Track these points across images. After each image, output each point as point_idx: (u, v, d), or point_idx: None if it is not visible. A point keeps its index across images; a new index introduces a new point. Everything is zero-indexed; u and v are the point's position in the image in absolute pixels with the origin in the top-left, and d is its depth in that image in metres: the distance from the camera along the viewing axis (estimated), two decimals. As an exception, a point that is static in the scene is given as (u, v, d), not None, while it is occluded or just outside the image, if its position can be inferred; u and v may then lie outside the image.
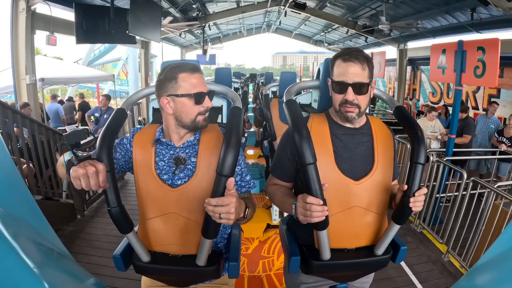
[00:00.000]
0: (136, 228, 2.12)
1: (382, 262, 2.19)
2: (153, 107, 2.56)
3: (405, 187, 1.94)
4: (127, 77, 29.64)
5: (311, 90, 2.57)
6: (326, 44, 23.87)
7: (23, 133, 6.20)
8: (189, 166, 2.06)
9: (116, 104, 17.57)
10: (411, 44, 16.56)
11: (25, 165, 6.10)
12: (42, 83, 10.22)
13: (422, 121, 8.34)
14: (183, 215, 2.02)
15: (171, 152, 2.08)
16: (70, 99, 15.31)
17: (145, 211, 2.07)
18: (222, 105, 2.60)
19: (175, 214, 2.03)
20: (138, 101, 4.05)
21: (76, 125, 12.56)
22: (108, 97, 10.94)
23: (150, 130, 2.17)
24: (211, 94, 2.06)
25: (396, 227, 2.05)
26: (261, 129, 8.19)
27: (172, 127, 2.06)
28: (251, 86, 14.03)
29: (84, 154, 1.69)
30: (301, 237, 2.29)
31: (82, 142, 1.72)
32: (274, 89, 6.58)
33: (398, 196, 1.99)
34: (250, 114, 12.21)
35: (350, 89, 1.99)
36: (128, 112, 2.19)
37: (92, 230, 6.18)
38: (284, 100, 2.19)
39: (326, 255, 2.07)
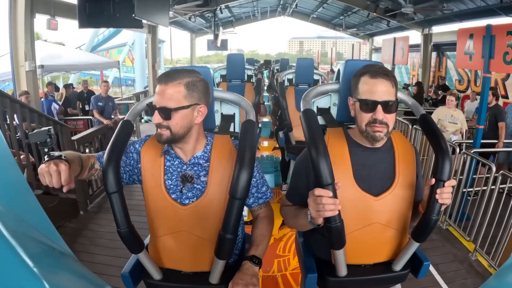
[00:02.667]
0: (146, 240, 2.21)
1: (400, 278, 2.24)
2: None
3: (433, 181, 1.93)
4: (133, 63, 29.77)
5: (330, 93, 2.56)
6: (345, 29, 23.72)
7: (22, 123, 6.23)
8: (198, 186, 2.10)
9: (121, 92, 17.66)
10: (436, 29, 16.44)
11: (23, 155, 6.13)
12: (42, 70, 10.26)
13: (440, 110, 8.16)
14: (194, 234, 2.08)
15: (179, 169, 2.12)
16: (69, 85, 15.19)
17: (155, 228, 2.14)
18: (234, 113, 2.60)
19: (187, 232, 2.09)
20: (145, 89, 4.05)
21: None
22: (106, 81, 10.67)
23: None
24: (163, 111, 1.97)
25: (415, 245, 2.08)
26: (277, 118, 8.17)
27: None
28: (265, 73, 14.00)
29: (55, 154, 1.81)
30: (317, 252, 2.35)
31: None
32: (290, 76, 6.56)
33: (426, 192, 1.99)
34: (265, 103, 12.19)
35: (379, 108, 1.99)
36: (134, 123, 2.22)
37: (96, 227, 6.23)
38: (301, 108, 2.19)
39: (342, 272, 2.11)
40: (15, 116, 6.08)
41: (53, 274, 1.33)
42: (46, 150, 1.84)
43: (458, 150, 6.31)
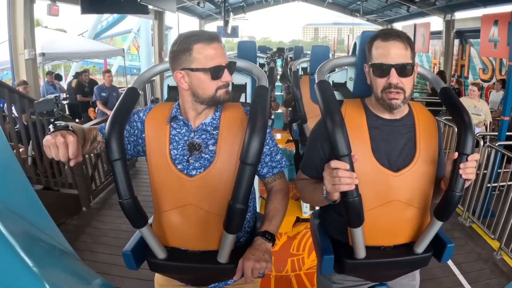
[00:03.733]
0: (150, 221, 2.15)
1: (423, 261, 2.19)
2: (168, 84, 2.56)
3: (456, 155, 1.91)
4: (139, 51, 29.85)
5: (346, 67, 2.54)
6: (363, 15, 23.58)
7: (21, 115, 6.26)
8: (206, 155, 2.06)
9: (126, 82, 17.72)
10: (459, 15, 16.25)
11: (22, 149, 6.17)
12: (43, 58, 10.30)
13: (463, 101, 7.99)
14: (202, 208, 2.03)
15: (186, 137, 2.09)
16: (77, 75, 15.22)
17: (160, 203, 2.10)
18: (245, 83, 2.59)
19: (194, 206, 2.04)
20: (152, 79, 4.01)
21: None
22: (108, 71, 10.71)
23: (165, 108, 2.17)
24: (232, 66, 2.03)
25: (438, 224, 2.04)
26: (290, 110, 8.16)
27: (189, 103, 2.06)
28: (278, 62, 13.98)
29: (62, 124, 1.77)
30: (333, 234, 2.30)
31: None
32: (305, 65, 6.55)
33: (448, 168, 1.96)
34: (278, 93, 12.18)
35: (393, 71, 1.96)
36: (140, 92, 2.20)
37: (99, 224, 6.25)
38: (316, 80, 2.16)
39: (361, 253, 2.07)
40: (13, 107, 6.10)
41: (54, 274, 1.34)
42: (52, 120, 1.81)
43: (482, 143, 6.27)
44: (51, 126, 1.76)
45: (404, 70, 1.97)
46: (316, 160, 2.21)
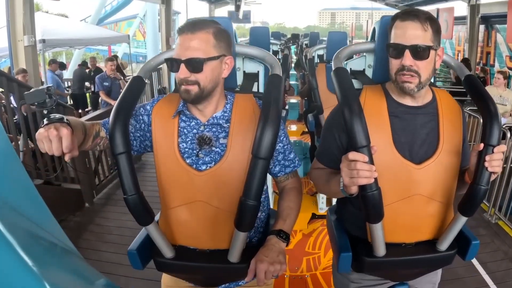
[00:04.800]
0: (156, 218, 2.16)
1: (446, 259, 2.19)
2: None
3: (481, 146, 1.89)
4: (145, 38, 29.96)
5: (364, 54, 2.53)
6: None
7: (20, 105, 6.28)
8: (217, 149, 2.06)
9: (131, 70, 17.76)
10: (484, -1, 16.16)
11: (21, 141, 6.20)
12: (43, 45, 10.36)
13: (488, 90, 7.96)
14: (212, 204, 2.04)
15: (195, 130, 2.09)
16: (84, 63, 15.23)
17: (167, 199, 2.10)
18: (258, 71, 2.58)
19: (203, 203, 2.04)
20: (158, 67, 3.99)
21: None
22: (111, 59, 10.69)
23: (172, 100, 2.17)
24: (194, 63, 1.93)
25: (462, 219, 2.03)
26: (305, 99, 8.15)
27: None
28: (293, 49, 13.96)
29: (56, 116, 1.76)
30: (351, 230, 2.30)
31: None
32: (321, 52, 6.54)
33: (473, 161, 1.95)
34: (293, 82, 12.16)
35: (407, 53, 1.95)
36: (147, 81, 2.19)
37: (103, 221, 6.29)
38: (333, 68, 2.15)
39: (381, 251, 2.06)
40: (11, 97, 6.12)
41: (54, 274, 1.34)
42: (45, 112, 1.81)
43: (509, 134, 6.25)
44: (45, 119, 1.75)
45: (419, 52, 1.95)
46: (332, 149, 2.21)
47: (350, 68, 2.51)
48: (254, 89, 2.53)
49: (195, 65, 1.91)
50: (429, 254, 2.14)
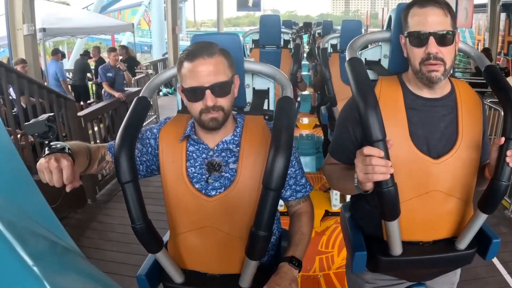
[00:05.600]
0: (165, 238, 2.20)
1: (466, 258, 2.19)
2: None
3: (502, 140, 1.88)
4: (150, 26, 29.93)
5: (380, 44, 2.52)
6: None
7: (19, 97, 6.29)
8: (226, 174, 2.08)
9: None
10: (506, -15, 16.06)
11: (19, 135, 6.21)
12: (43, 34, 10.36)
13: (509, 81, 7.95)
14: (222, 230, 2.07)
15: (204, 155, 2.10)
16: (86, 53, 15.19)
17: (176, 224, 2.14)
18: (268, 88, 2.57)
19: (213, 228, 2.07)
20: (162, 60, 4.01)
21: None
22: (113, 49, 10.68)
23: (180, 122, 2.19)
24: (220, 88, 1.94)
25: (483, 216, 2.02)
26: (318, 92, 8.14)
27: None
28: (305, 38, 13.93)
29: (58, 146, 1.77)
30: (366, 228, 2.31)
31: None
32: (334, 41, 6.51)
33: (493, 155, 1.94)
34: (305, 73, 12.14)
35: (432, 40, 1.93)
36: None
37: (106, 218, 6.30)
38: (347, 58, 2.15)
39: (397, 250, 2.07)
40: (10, 89, 6.13)
41: (56, 274, 1.35)
42: (46, 142, 1.83)
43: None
44: (46, 148, 1.77)
45: (444, 38, 1.94)
46: (346, 143, 2.21)
47: (365, 58, 2.50)
48: (265, 106, 2.52)
49: (223, 89, 1.93)
50: (448, 253, 2.14)
